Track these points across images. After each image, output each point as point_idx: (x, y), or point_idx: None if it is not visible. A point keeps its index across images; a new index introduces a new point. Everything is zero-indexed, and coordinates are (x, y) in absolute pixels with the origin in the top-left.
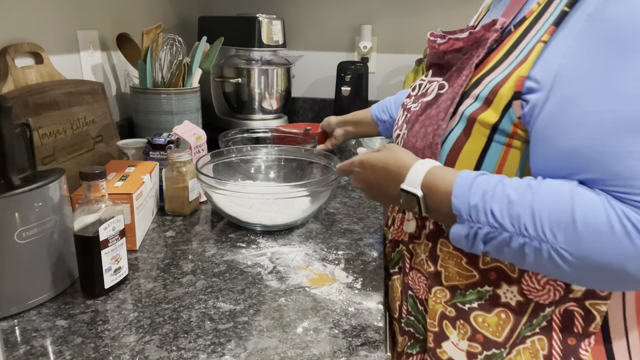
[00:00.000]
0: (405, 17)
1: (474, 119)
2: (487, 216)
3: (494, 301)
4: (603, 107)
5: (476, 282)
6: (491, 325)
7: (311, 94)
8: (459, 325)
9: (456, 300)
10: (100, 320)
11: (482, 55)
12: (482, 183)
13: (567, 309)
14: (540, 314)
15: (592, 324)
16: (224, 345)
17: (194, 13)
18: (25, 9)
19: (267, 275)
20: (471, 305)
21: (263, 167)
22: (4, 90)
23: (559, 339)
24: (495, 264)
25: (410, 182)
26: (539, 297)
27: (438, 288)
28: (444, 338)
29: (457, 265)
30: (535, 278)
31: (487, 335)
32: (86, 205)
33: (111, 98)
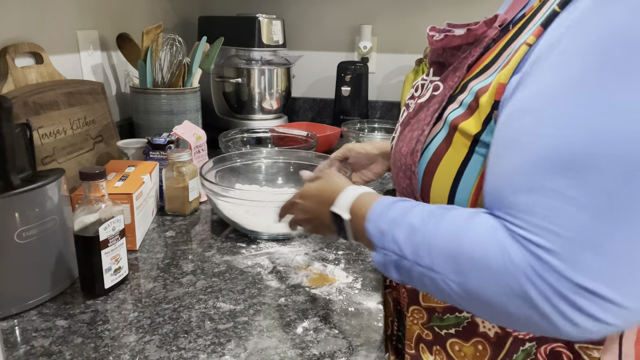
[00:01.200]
0: (405, 17)
1: (455, 126)
2: (392, 243)
3: (471, 329)
4: (542, 130)
5: (454, 307)
6: (467, 356)
7: (311, 94)
8: (435, 350)
9: (433, 323)
10: (100, 320)
11: (477, 55)
12: (396, 209)
13: (554, 350)
14: (520, 348)
15: None
16: (224, 345)
17: (194, 13)
18: (25, 9)
19: (267, 275)
20: (448, 331)
21: (269, 172)
22: (4, 90)
23: None
24: None
25: (339, 205)
26: (519, 332)
27: (415, 308)
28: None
29: None
30: None
31: None
32: (86, 205)
33: (111, 98)
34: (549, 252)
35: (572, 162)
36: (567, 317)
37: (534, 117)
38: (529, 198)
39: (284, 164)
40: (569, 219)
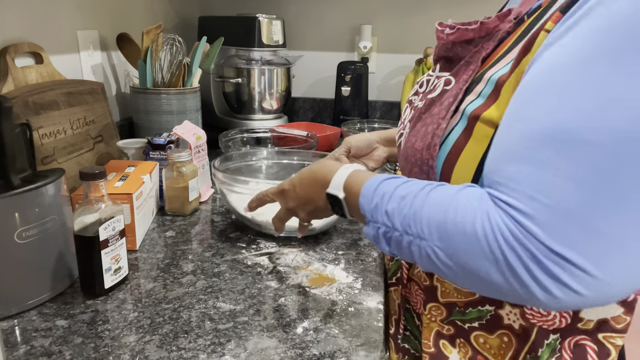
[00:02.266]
0: (405, 17)
1: (476, 117)
2: (383, 215)
3: (496, 322)
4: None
5: (476, 301)
6: (493, 348)
7: (311, 94)
8: (459, 343)
9: (454, 317)
10: (100, 320)
11: (491, 49)
12: (388, 185)
13: (578, 343)
14: (544, 342)
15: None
16: (224, 345)
17: (194, 13)
18: (25, 9)
19: (267, 275)
20: (471, 325)
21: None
22: (4, 90)
23: None
24: None
25: (334, 185)
26: (543, 322)
27: (433, 305)
28: (442, 358)
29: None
30: None
31: (489, 358)
32: (86, 205)
33: (111, 98)
34: (528, 216)
35: (564, 136)
36: (541, 284)
37: (534, 93)
38: (518, 167)
39: (283, 163)
40: (552, 188)
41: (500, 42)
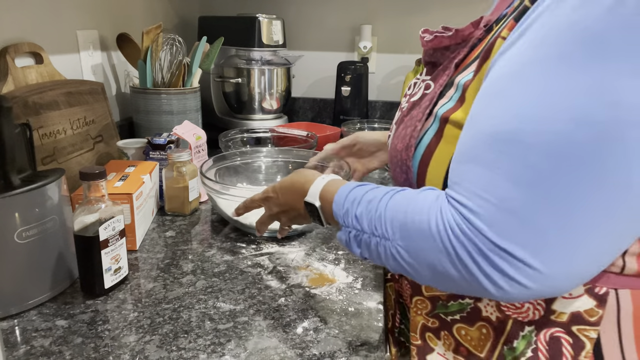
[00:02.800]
0: (405, 17)
1: (446, 119)
2: (353, 219)
3: (475, 314)
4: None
5: (457, 294)
6: (473, 339)
7: (311, 94)
8: (444, 336)
9: (439, 310)
10: (100, 320)
11: (463, 55)
12: (358, 191)
13: (553, 336)
14: (520, 333)
15: (581, 353)
16: (224, 345)
17: (194, 13)
18: (25, 9)
19: (267, 275)
20: (453, 317)
21: (269, 171)
22: (4, 90)
23: None
24: None
25: (311, 194)
26: (518, 314)
27: (418, 298)
28: (428, 350)
29: None
30: None
31: (470, 349)
32: (86, 205)
33: (111, 98)
34: (474, 213)
35: (505, 138)
36: (489, 277)
37: (485, 98)
38: (468, 167)
39: (283, 163)
40: (495, 186)
41: (472, 48)
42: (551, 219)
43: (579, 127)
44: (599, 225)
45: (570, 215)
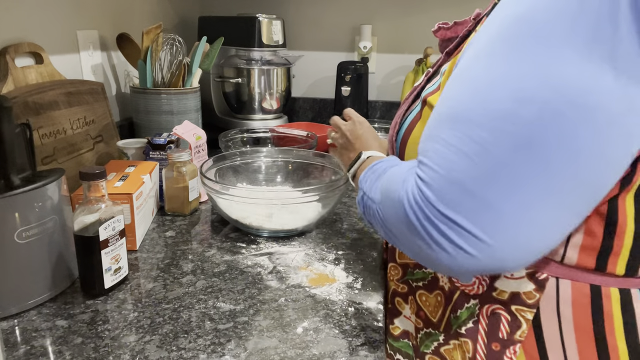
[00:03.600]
0: (405, 17)
1: (425, 100)
2: (364, 183)
3: (434, 283)
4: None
5: (420, 264)
6: (431, 305)
7: (311, 94)
8: (410, 300)
9: (408, 277)
10: (100, 320)
11: (454, 45)
12: (380, 164)
13: (494, 312)
14: (464, 304)
15: (517, 331)
16: (224, 345)
17: (194, 13)
18: (25, 9)
19: (267, 275)
20: (417, 284)
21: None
22: (4, 90)
23: (483, 343)
24: None
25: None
26: (464, 287)
27: (392, 265)
28: (396, 314)
29: None
30: None
31: (427, 314)
32: (86, 205)
33: (111, 98)
34: (426, 184)
35: (458, 117)
36: (439, 244)
37: (448, 84)
38: (427, 144)
39: (283, 163)
40: (445, 160)
41: (464, 39)
42: (496, 192)
43: (522, 106)
44: (543, 200)
45: (514, 189)
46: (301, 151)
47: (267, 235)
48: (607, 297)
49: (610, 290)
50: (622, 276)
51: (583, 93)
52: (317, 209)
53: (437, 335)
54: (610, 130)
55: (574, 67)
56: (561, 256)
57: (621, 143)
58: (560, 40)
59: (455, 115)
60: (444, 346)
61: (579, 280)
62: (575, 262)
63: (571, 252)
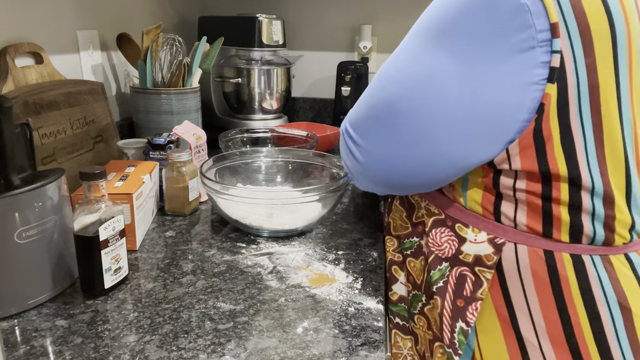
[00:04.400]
0: (405, 17)
1: None
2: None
3: (419, 250)
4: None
5: (409, 233)
6: (417, 270)
7: (311, 94)
8: (405, 268)
9: (402, 247)
10: (100, 320)
11: None
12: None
13: (461, 273)
14: (437, 267)
15: (479, 290)
16: (224, 345)
17: (194, 13)
18: (25, 9)
19: (267, 275)
20: (406, 252)
21: (269, 171)
22: (4, 90)
23: (450, 299)
24: (422, 219)
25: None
26: (439, 251)
27: (388, 237)
28: (393, 281)
29: (400, 218)
30: (439, 235)
31: (415, 278)
32: (86, 205)
33: (111, 98)
34: (348, 119)
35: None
36: (345, 148)
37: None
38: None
39: (283, 163)
40: (358, 103)
41: None
42: (370, 120)
43: (400, 75)
44: (393, 135)
45: (378, 122)
46: (301, 151)
47: (267, 235)
48: (561, 262)
49: (563, 255)
50: (569, 243)
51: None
52: (317, 209)
53: (421, 296)
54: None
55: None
56: (513, 221)
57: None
58: (454, 37)
59: (376, 77)
60: (427, 306)
61: (533, 245)
62: (526, 228)
63: (520, 217)
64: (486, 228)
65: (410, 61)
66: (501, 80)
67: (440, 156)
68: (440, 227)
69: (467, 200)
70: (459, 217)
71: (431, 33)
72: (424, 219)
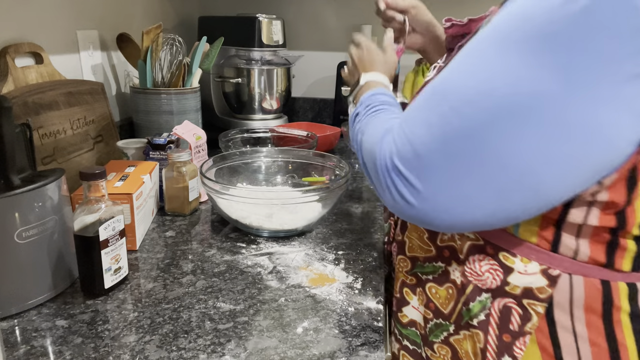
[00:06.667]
0: None
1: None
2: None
3: (445, 276)
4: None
5: (432, 257)
6: (441, 297)
7: (311, 94)
8: (419, 292)
9: (417, 270)
10: (100, 320)
11: (466, 40)
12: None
13: (506, 305)
14: (477, 298)
15: (528, 324)
16: (224, 345)
17: (194, 13)
18: (25, 9)
19: (267, 275)
20: (427, 277)
21: (269, 171)
22: (4, 90)
23: (494, 334)
24: (450, 243)
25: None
26: (478, 281)
27: (401, 257)
28: (404, 303)
29: (419, 239)
30: (478, 264)
31: (437, 305)
32: (86, 205)
33: (111, 98)
34: (395, 145)
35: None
36: (390, 191)
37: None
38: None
39: (283, 163)
40: (413, 124)
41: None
42: (438, 157)
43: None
44: (469, 178)
45: (452, 159)
46: (301, 151)
47: (267, 235)
48: (616, 291)
49: (619, 285)
50: (629, 272)
51: (532, 96)
52: (317, 209)
53: (448, 326)
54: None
55: (552, 76)
56: (574, 251)
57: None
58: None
59: (434, 88)
60: (454, 336)
61: (591, 275)
62: (587, 259)
63: (583, 245)
64: (539, 258)
65: (499, 80)
66: (618, 108)
67: (536, 196)
68: (478, 255)
69: (519, 228)
70: (504, 245)
71: (528, 47)
72: (454, 243)
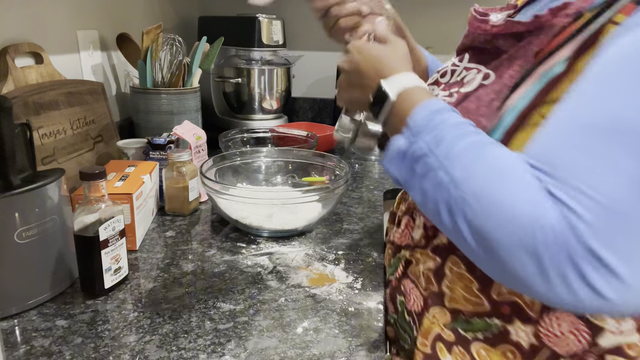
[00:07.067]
0: (405, 17)
1: (530, 108)
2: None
3: (502, 337)
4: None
5: (485, 312)
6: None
7: (311, 94)
8: (457, 351)
9: (458, 325)
10: (100, 320)
11: (545, 44)
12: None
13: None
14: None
15: None
16: (224, 345)
17: (194, 13)
18: (25, 9)
19: (267, 275)
20: (475, 335)
21: (269, 171)
22: (4, 90)
23: None
24: (512, 298)
25: (392, 82)
26: (556, 345)
27: (438, 308)
28: (433, 359)
29: (466, 290)
30: (557, 323)
31: None
32: (86, 205)
33: (111, 98)
34: (578, 216)
35: (623, 128)
36: (568, 283)
37: (601, 84)
38: (566, 155)
39: (283, 163)
40: (604, 183)
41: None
42: None
43: None
44: None
45: None
46: (301, 151)
47: (267, 235)
48: None
49: None
50: None
51: None
52: (317, 209)
53: None
54: None
55: None
56: None
57: None
58: None
59: (619, 126)
60: None
61: None
62: None
63: None
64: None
65: None
66: None
67: None
68: (557, 313)
69: None
70: None
71: None
72: (518, 299)
